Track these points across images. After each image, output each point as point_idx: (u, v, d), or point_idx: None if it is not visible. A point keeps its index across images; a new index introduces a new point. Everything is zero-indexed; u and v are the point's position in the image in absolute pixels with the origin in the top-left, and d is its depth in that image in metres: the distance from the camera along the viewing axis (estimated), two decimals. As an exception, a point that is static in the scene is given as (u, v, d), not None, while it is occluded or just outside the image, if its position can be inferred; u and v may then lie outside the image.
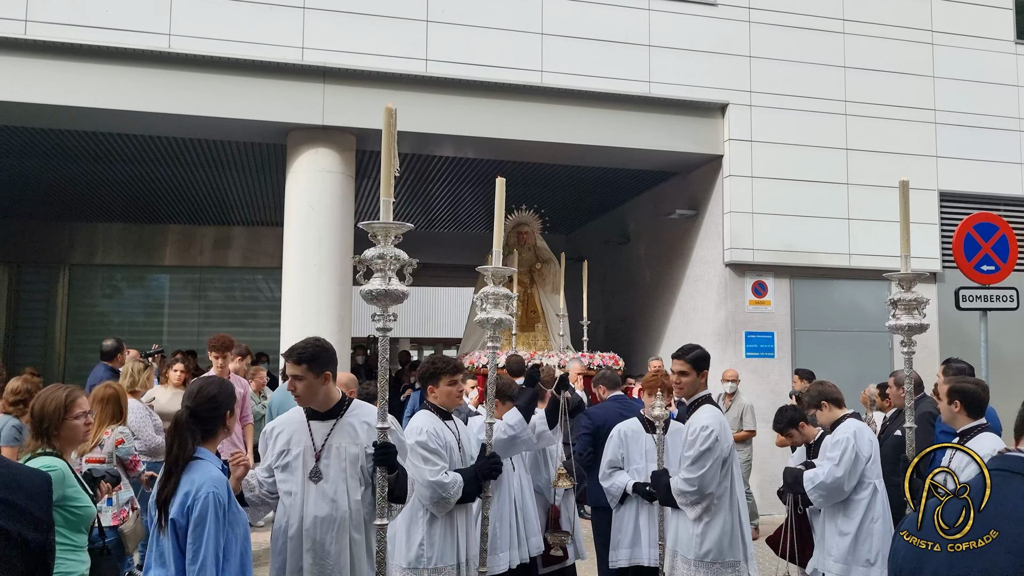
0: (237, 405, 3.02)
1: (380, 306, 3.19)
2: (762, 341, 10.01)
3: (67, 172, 11.54)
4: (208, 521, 2.67)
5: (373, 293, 3.14)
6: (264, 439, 3.57)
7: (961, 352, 8.50)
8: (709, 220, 10.52)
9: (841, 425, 4.81)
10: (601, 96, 9.59)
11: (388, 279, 3.15)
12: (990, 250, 7.81)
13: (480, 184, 12.40)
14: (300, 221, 9.02)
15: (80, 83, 8.23)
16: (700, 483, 4.10)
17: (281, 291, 9.26)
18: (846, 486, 4.65)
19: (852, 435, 4.68)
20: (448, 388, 4.13)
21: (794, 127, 10.19)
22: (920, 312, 4.09)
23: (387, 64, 8.89)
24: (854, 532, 4.69)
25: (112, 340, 7.97)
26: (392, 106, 3.29)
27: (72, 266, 14.99)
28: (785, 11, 10.30)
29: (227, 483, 2.83)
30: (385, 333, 3.24)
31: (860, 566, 4.67)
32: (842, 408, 4.95)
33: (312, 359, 3.40)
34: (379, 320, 3.21)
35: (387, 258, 3.15)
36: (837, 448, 4.67)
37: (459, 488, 3.91)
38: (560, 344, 10.75)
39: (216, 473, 2.80)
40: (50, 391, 3.47)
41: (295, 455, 3.42)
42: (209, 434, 2.95)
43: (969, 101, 10.84)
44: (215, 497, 2.71)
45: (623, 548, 5.07)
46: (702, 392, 4.35)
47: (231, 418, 3.02)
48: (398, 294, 3.16)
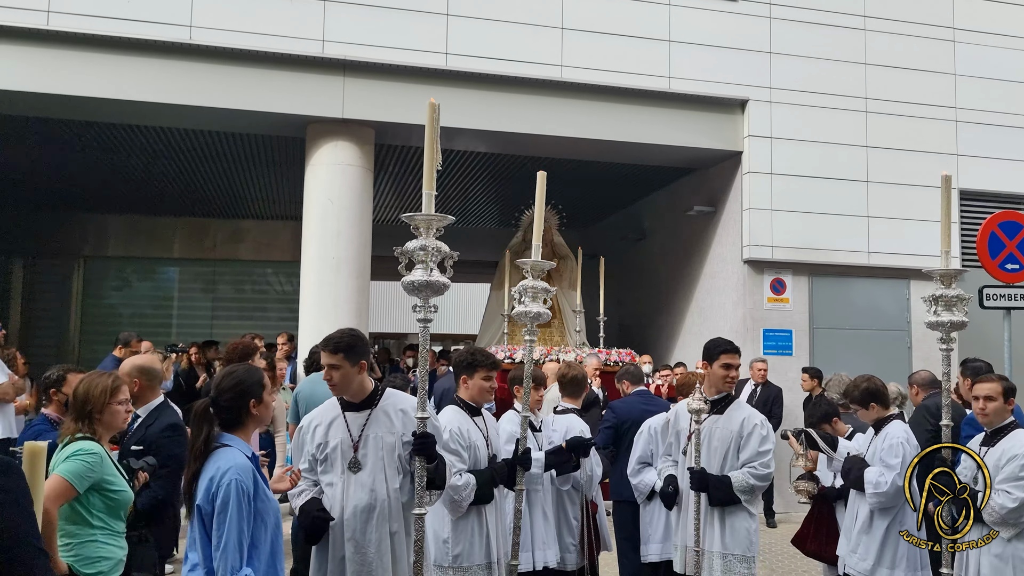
0: (268, 393, 2.93)
1: (422, 297, 3.20)
2: (780, 339, 9.97)
3: (82, 163, 11.54)
4: (231, 507, 2.67)
5: (415, 284, 3.17)
6: (301, 434, 3.58)
7: (981, 351, 8.45)
8: (727, 217, 10.47)
9: (890, 427, 4.70)
10: (621, 91, 9.54)
11: (430, 270, 3.17)
12: (1015, 248, 7.75)
13: (494, 179, 12.37)
14: (319, 214, 9.00)
15: (101, 74, 8.21)
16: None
17: (294, 285, 9.27)
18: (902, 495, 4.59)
19: (906, 440, 4.60)
20: (481, 383, 4.08)
21: (814, 124, 10.14)
22: (960, 308, 4.06)
23: (407, 58, 8.86)
24: (882, 534, 4.64)
25: (126, 332, 8.03)
26: (435, 101, 3.30)
27: (86, 258, 15.01)
28: (806, 7, 10.23)
29: (253, 471, 2.78)
30: (426, 324, 3.25)
31: (885, 568, 4.62)
32: (888, 408, 4.88)
33: (349, 348, 3.42)
34: (420, 311, 3.22)
35: (429, 249, 3.18)
36: (895, 454, 4.55)
37: (471, 490, 3.85)
38: (576, 340, 10.73)
39: (241, 460, 2.77)
40: (95, 376, 3.50)
41: (333, 447, 3.44)
42: (235, 423, 2.89)
43: (991, 99, 10.77)
44: (238, 484, 2.69)
45: (654, 543, 5.04)
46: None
47: (260, 406, 2.92)
48: (439, 285, 3.20)
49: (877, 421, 4.80)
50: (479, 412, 4.15)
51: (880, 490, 4.55)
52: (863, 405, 4.81)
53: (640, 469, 5.11)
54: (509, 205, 13.20)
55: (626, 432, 5.66)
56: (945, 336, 4.03)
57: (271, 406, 3.00)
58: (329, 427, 3.48)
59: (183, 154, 11.11)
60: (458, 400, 4.14)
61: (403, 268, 3.22)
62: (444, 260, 3.26)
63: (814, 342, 10.14)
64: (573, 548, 4.76)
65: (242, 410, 2.90)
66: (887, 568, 4.59)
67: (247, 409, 2.90)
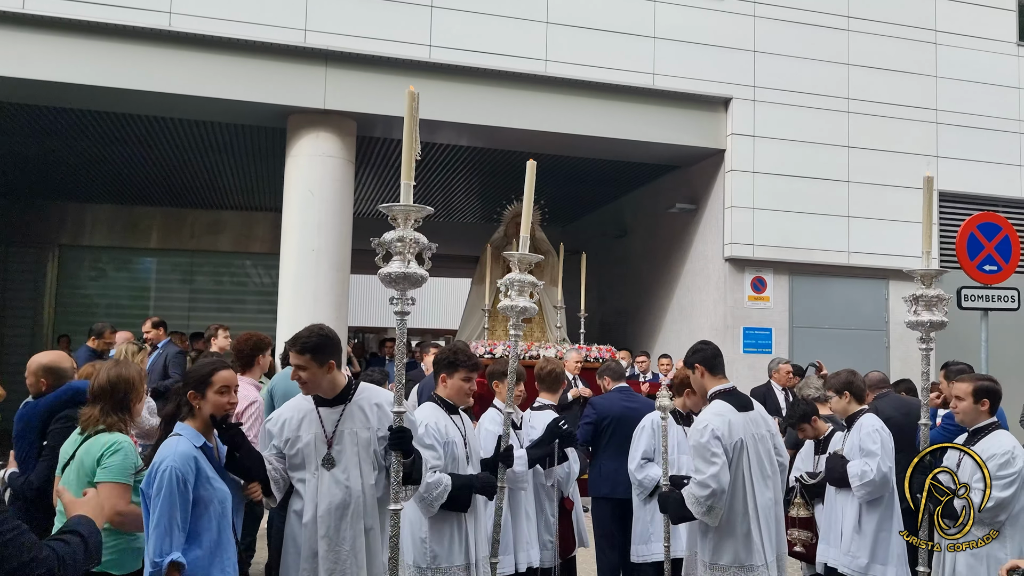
0: (212, 390, 3.04)
1: (399, 289, 3.14)
2: (760, 337, 10.01)
3: (59, 151, 11.36)
4: (163, 494, 2.77)
5: (392, 276, 3.10)
6: (266, 427, 3.48)
7: (958, 352, 8.53)
8: (709, 215, 10.49)
9: (862, 419, 4.75)
10: (605, 87, 9.53)
11: (408, 262, 3.11)
12: (993, 250, 7.81)
13: (477, 173, 12.32)
14: (299, 205, 8.92)
15: (77, 60, 8.07)
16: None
17: (272, 277, 9.17)
18: (891, 479, 4.58)
19: (881, 427, 4.63)
20: (461, 383, 3.96)
21: (797, 123, 10.17)
22: (940, 308, 4.07)
23: (390, 49, 8.79)
24: (874, 529, 4.66)
25: (100, 323, 7.89)
26: (414, 89, 3.24)
27: (61, 247, 14.79)
28: (790, 7, 10.26)
29: (197, 460, 2.88)
30: (403, 317, 3.19)
31: (879, 564, 4.65)
32: (861, 403, 4.91)
33: (316, 349, 3.33)
34: (397, 304, 3.16)
35: (407, 241, 3.11)
36: (873, 440, 4.57)
37: (443, 491, 3.68)
38: (557, 336, 10.71)
39: (184, 448, 2.87)
40: (125, 367, 3.48)
41: (306, 443, 3.36)
42: (189, 412, 3.04)
43: (970, 102, 10.86)
44: (172, 472, 2.78)
45: (659, 542, 4.93)
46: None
47: (201, 400, 3.03)
48: (417, 277, 3.12)
49: (849, 417, 4.83)
50: (457, 411, 4.04)
51: (867, 479, 4.55)
52: (838, 393, 4.83)
53: (644, 464, 4.98)
54: (491, 199, 13.16)
55: (605, 428, 5.61)
56: (925, 336, 4.04)
57: (218, 405, 3.09)
58: (301, 423, 3.39)
59: (161, 143, 10.96)
60: (436, 397, 4.03)
61: (380, 260, 3.15)
62: (422, 252, 3.18)
63: (793, 340, 10.19)
64: (550, 545, 4.72)
65: (184, 400, 3.04)
66: (880, 564, 4.63)
67: (186, 400, 3.04)
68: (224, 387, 3.08)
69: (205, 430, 3.05)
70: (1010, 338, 10.37)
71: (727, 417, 3.91)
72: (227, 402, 3.09)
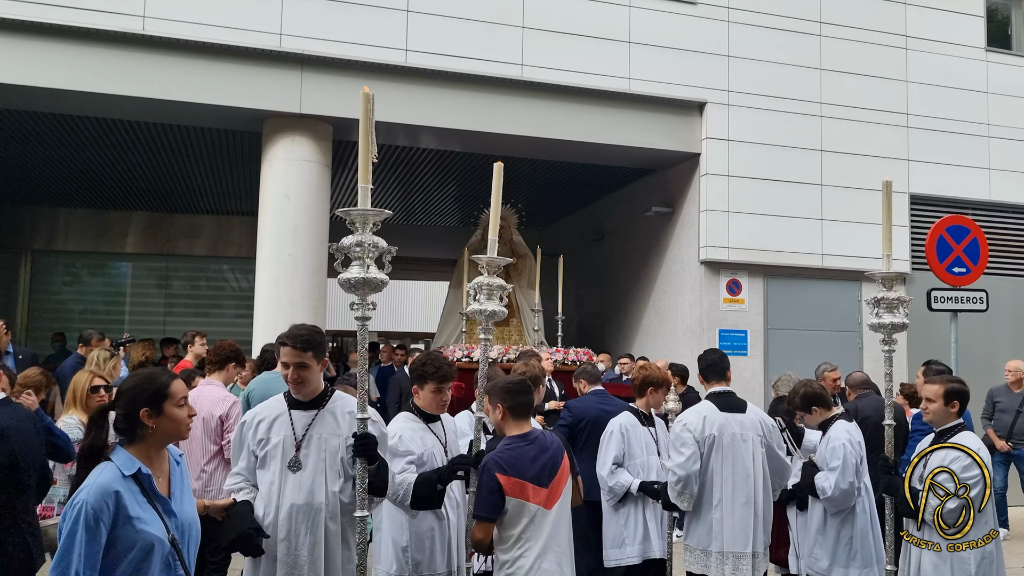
0: (172, 403, 2.56)
1: (359, 295, 3.14)
2: (735, 339, 10.09)
3: (31, 155, 11.24)
4: (65, 532, 2.34)
5: (352, 281, 3.11)
6: (243, 429, 3.48)
7: (931, 352, 8.66)
8: (685, 218, 10.57)
9: (831, 429, 4.81)
10: (581, 91, 9.58)
11: (367, 267, 3.11)
12: (961, 252, 7.94)
13: (455, 177, 12.33)
14: (275, 210, 8.89)
15: (49, 64, 8.00)
16: None
17: (249, 281, 9.12)
18: (853, 494, 4.69)
19: (848, 440, 4.70)
20: (431, 395, 3.91)
21: (770, 127, 10.28)
22: (901, 311, 4.15)
23: (366, 53, 8.79)
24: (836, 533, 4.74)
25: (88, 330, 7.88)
26: (369, 90, 3.25)
27: (34, 252, 14.62)
28: (763, 12, 10.37)
29: (118, 495, 2.39)
30: (364, 322, 3.19)
31: (840, 567, 4.73)
32: (831, 409, 4.97)
33: (317, 346, 3.39)
34: (358, 309, 3.16)
35: (365, 245, 3.11)
36: (836, 456, 4.66)
37: (407, 489, 3.60)
38: (534, 339, 10.73)
39: (105, 479, 2.40)
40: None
41: (274, 444, 3.37)
42: (129, 435, 2.53)
43: (940, 106, 11.03)
44: (82, 507, 2.34)
45: (632, 545, 5.02)
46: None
47: (159, 419, 2.54)
48: (377, 282, 3.13)
49: (822, 424, 4.89)
50: (436, 419, 4.00)
51: (826, 495, 4.68)
52: (806, 410, 4.91)
53: (616, 470, 5.03)
54: (469, 203, 13.18)
55: (581, 431, 5.65)
56: (887, 338, 4.11)
57: (179, 420, 2.59)
58: (273, 423, 3.39)
59: (136, 147, 10.88)
60: (413, 407, 4.00)
61: (339, 265, 3.15)
62: (382, 255, 3.18)
63: (768, 342, 10.29)
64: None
65: (133, 421, 2.52)
66: (842, 567, 4.73)
67: (138, 420, 2.52)
68: (184, 399, 2.63)
69: (146, 453, 2.54)
70: (979, 338, 10.53)
71: (704, 414, 4.48)
72: (188, 415, 2.64)
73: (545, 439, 3.65)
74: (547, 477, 3.52)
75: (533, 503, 3.45)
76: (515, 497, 3.42)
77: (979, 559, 3.90)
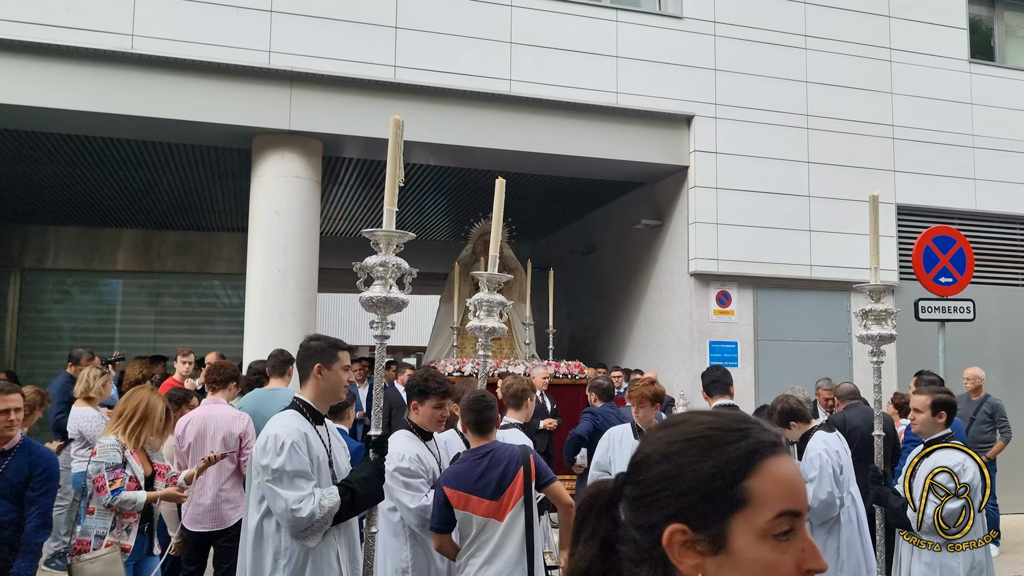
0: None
1: (379, 314, 3.20)
2: (726, 350, 10.12)
3: (21, 174, 11.22)
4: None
5: (374, 300, 3.17)
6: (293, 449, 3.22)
7: (921, 363, 8.72)
8: (674, 230, 10.63)
9: (810, 442, 4.83)
10: (569, 106, 9.64)
11: (389, 287, 3.17)
12: (948, 263, 8.00)
13: (445, 192, 12.37)
14: (265, 226, 8.90)
15: (39, 83, 8.01)
16: None
17: (240, 298, 9.11)
18: (835, 504, 4.70)
19: (824, 451, 4.72)
20: (431, 411, 3.93)
21: (758, 140, 10.36)
22: (889, 322, 4.19)
23: (355, 70, 8.83)
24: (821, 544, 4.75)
25: (78, 349, 7.89)
26: (399, 118, 3.33)
27: (24, 270, 14.57)
28: (749, 26, 10.47)
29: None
30: (383, 340, 3.24)
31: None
32: (809, 421, 5.00)
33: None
34: (377, 327, 3.22)
35: (389, 266, 3.18)
36: (813, 467, 4.68)
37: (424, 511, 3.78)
38: (526, 352, 10.76)
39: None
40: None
41: (320, 459, 3.36)
42: None
43: (925, 118, 11.14)
44: None
45: None
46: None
47: None
48: (398, 302, 3.20)
49: (803, 437, 4.93)
50: (431, 436, 4.02)
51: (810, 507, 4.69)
52: (784, 426, 4.93)
53: (599, 477, 5.11)
54: (459, 217, 13.21)
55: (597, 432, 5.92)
56: (876, 349, 4.15)
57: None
58: (310, 440, 3.30)
59: (126, 165, 10.88)
60: (409, 423, 4.00)
61: (361, 284, 3.20)
62: (403, 276, 3.26)
63: (759, 353, 10.33)
64: None
65: None
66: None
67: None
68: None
69: None
70: (968, 348, 10.59)
71: None
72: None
73: (498, 454, 3.70)
74: (496, 490, 3.61)
75: (480, 515, 3.58)
76: (460, 509, 3.60)
77: (968, 568, 3.93)
